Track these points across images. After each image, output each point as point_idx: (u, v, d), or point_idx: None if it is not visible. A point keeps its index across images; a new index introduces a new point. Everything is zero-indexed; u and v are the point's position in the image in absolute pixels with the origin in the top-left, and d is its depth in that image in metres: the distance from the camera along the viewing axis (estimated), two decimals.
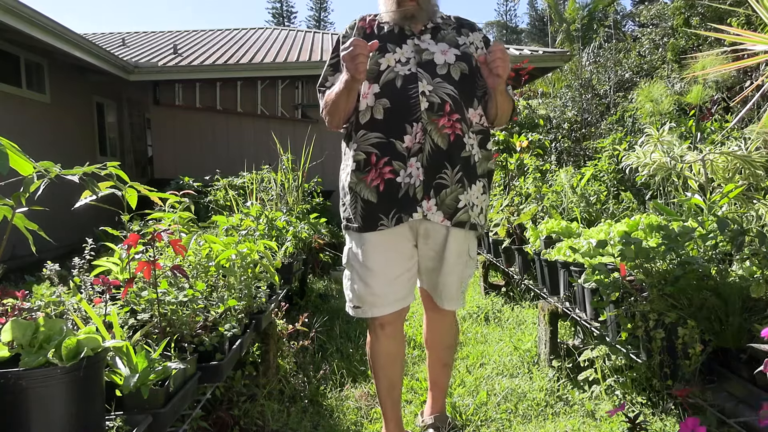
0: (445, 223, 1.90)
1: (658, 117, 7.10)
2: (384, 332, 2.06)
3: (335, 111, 1.93)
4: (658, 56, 11.95)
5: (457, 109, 1.89)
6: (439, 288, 2.03)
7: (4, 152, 1.12)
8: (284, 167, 5.30)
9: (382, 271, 1.95)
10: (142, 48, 11.31)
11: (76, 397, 1.16)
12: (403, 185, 1.88)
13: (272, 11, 49.77)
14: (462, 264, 2.00)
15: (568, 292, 2.91)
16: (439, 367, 2.27)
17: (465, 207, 1.92)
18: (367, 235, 1.94)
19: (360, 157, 1.93)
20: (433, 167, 1.87)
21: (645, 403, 2.39)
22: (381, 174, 1.89)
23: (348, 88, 1.83)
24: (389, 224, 1.90)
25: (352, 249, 2.01)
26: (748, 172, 3.03)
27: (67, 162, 1.37)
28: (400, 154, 1.88)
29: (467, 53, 1.96)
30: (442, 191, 1.89)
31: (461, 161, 1.90)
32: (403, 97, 1.86)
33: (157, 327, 1.71)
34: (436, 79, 1.88)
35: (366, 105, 1.92)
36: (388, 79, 1.89)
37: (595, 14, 19.37)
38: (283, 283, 3.01)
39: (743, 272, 1.97)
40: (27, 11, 6.11)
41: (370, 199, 1.91)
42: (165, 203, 2.55)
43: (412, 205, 1.88)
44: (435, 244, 1.96)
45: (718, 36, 5.83)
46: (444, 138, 1.87)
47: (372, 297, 1.97)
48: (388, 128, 1.88)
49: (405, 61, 1.90)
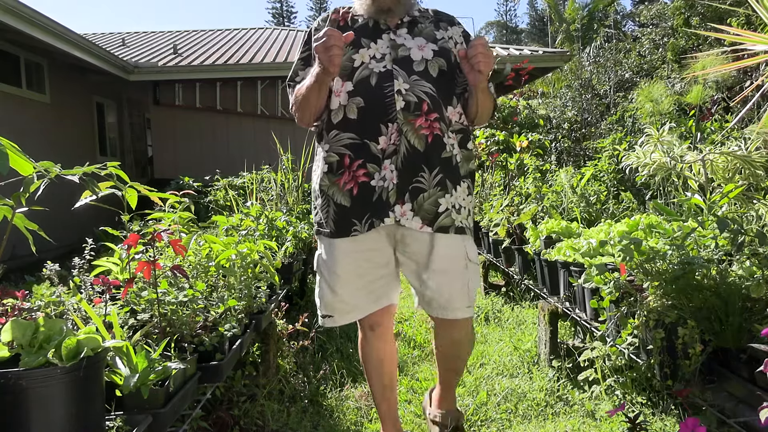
0: (426, 229, 1.79)
1: (658, 117, 7.10)
2: (374, 333, 2.01)
3: (305, 107, 1.83)
4: (658, 56, 11.95)
5: (435, 108, 1.79)
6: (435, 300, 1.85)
7: (4, 152, 1.12)
8: (284, 167, 5.31)
9: (351, 279, 1.85)
10: (142, 48, 11.31)
11: (76, 397, 1.16)
12: (377, 189, 1.78)
13: (272, 11, 49.82)
14: (460, 268, 1.85)
15: (568, 292, 2.91)
16: (450, 374, 2.12)
17: (447, 210, 1.80)
18: (337, 241, 1.84)
19: (332, 158, 1.83)
20: (409, 170, 1.77)
21: (645, 403, 2.39)
22: (355, 177, 1.79)
23: (319, 81, 1.72)
24: (362, 230, 1.80)
25: (322, 255, 1.91)
26: (748, 172, 3.03)
27: (67, 162, 1.37)
28: (374, 156, 1.78)
29: (445, 48, 1.85)
30: (419, 195, 1.78)
31: (441, 163, 1.80)
32: (378, 96, 1.76)
33: (157, 327, 1.71)
34: (412, 76, 1.78)
35: (339, 104, 1.82)
36: (362, 77, 1.79)
37: (595, 14, 19.38)
38: (283, 283, 3.01)
39: (743, 272, 1.97)
40: (27, 11, 6.11)
41: (344, 204, 1.82)
42: (165, 203, 2.55)
43: (384, 210, 1.77)
44: (415, 253, 1.83)
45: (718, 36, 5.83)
46: (421, 139, 1.77)
47: (341, 305, 1.89)
48: (362, 129, 1.79)
49: (380, 58, 1.80)
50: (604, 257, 2.70)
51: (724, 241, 2.14)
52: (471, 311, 1.90)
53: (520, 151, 5.97)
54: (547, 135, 9.00)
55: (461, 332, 1.95)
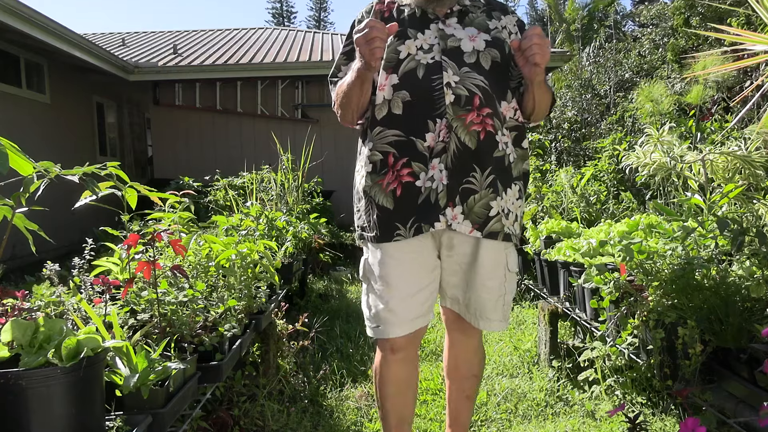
0: (475, 233, 1.66)
1: (658, 117, 7.10)
2: (395, 357, 1.79)
3: (347, 105, 1.71)
4: (658, 56, 11.95)
5: (488, 103, 1.65)
6: (473, 305, 1.75)
7: (4, 152, 1.12)
8: (284, 167, 5.31)
9: (399, 286, 1.71)
10: (142, 48, 11.31)
11: (76, 397, 1.16)
12: (423, 190, 1.65)
13: (272, 11, 49.77)
14: (500, 278, 1.73)
15: (568, 292, 2.91)
16: (462, 400, 1.95)
17: (498, 215, 1.68)
18: (385, 246, 1.71)
19: (376, 157, 1.70)
20: (460, 169, 1.64)
21: (645, 403, 2.39)
22: (398, 177, 1.67)
23: (361, 77, 1.61)
24: (407, 234, 1.67)
25: (368, 260, 1.77)
26: (748, 172, 3.03)
27: (67, 162, 1.37)
28: (420, 155, 1.65)
29: (499, 39, 1.71)
30: (470, 197, 1.65)
31: (493, 162, 1.67)
32: (426, 89, 1.64)
33: (157, 327, 1.71)
34: (463, 68, 1.65)
35: (383, 98, 1.69)
36: (408, 69, 1.67)
37: (595, 14, 19.37)
38: (283, 283, 3.01)
39: (743, 272, 1.97)
40: (27, 11, 6.11)
41: (386, 206, 1.69)
42: (165, 203, 2.55)
43: (433, 213, 1.64)
44: (461, 256, 1.72)
45: (718, 36, 5.83)
46: (472, 136, 1.63)
47: (389, 314, 1.72)
48: (407, 125, 1.67)
49: (428, 48, 1.67)
50: (604, 257, 2.71)
51: (724, 241, 2.14)
52: (505, 324, 1.79)
53: None
54: (547, 135, 9.01)
55: (476, 344, 1.90)
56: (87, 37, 8.54)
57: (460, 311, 1.79)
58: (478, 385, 1.98)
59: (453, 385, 1.96)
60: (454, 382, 1.95)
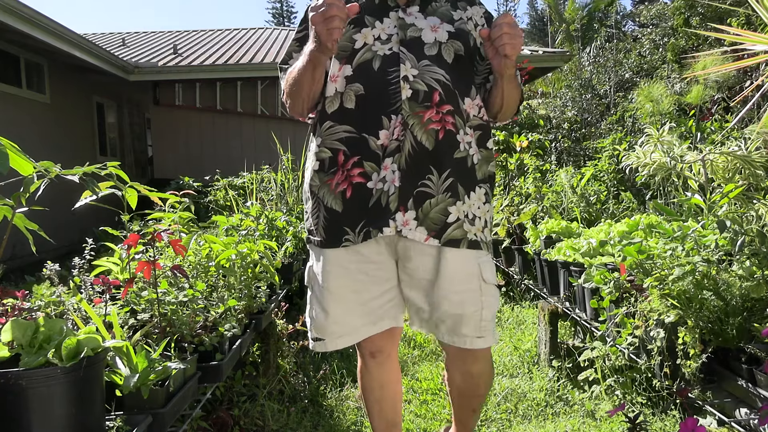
0: (432, 242, 1.52)
1: (658, 117, 7.10)
2: (375, 361, 1.73)
3: (297, 93, 1.57)
4: (658, 56, 11.95)
5: (449, 99, 1.53)
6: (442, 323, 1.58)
7: (4, 152, 1.12)
8: (284, 167, 5.31)
9: (344, 296, 1.59)
10: (142, 48, 11.32)
11: (76, 397, 1.16)
12: (374, 192, 1.52)
13: (272, 11, 49.78)
14: (473, 291, 1.56)
15: (568, 292, 2.91)
16: (467, 413, 1.82)
17: (458, 221, 1.54)
18: (329, 251, 1.59)
19: (324, 154, 1.58)
20: (414, 171, 1.51)
21: (645, 403, 2.39)
22: (348, 177, 1.54)
23: (313, 62, 1.46)
24: (355, 239, 1.54)
25: (313, 267, 1.65)
26: (748, 172, 3.03)
27: (67, 162, 1.37)
28: (373, 153, 1.52)
29: (463, 30, 1.58)
30: (425, 202, 1.51)
31: (453, 164, 1.54)
32: (381, 83, 1.51)
33: (157, 327, 1.71)
34: (423, 61, 1.52)
35: (334, 90, 1.56)
36: (363, 60, 1.53)
37: (595, 14, 19.37)
38: (283, 283, 3.01)
39: (743, 272, 1.97)
40: (27, 11, 6.11)
41: (334, 208, 1.56)
42: (165, 203, 2.55)
43: (382, 217, 1.51)
44: (419, 270, 1.56)
45: (718, 36, 5.83)
46: (430, 135, 1.51)
47: (333, 326, 1.61)
48: (360, 120, 1.53)
49: (385, 39, 1.54)
50: (604, 257, 2.71)
51: (724, 241, 2.14)
52: (486, 341, 1.60)
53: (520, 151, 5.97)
54: (547, 135, 9.00)
55: (477, 365, 1.66)
56: (87, 37, 8.54)
57: (431, 331, 1.64)
58: (483, 400, 1.85)
59: (456, 402, 1.83)
60: (457, 400, 1.83)
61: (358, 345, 1.72)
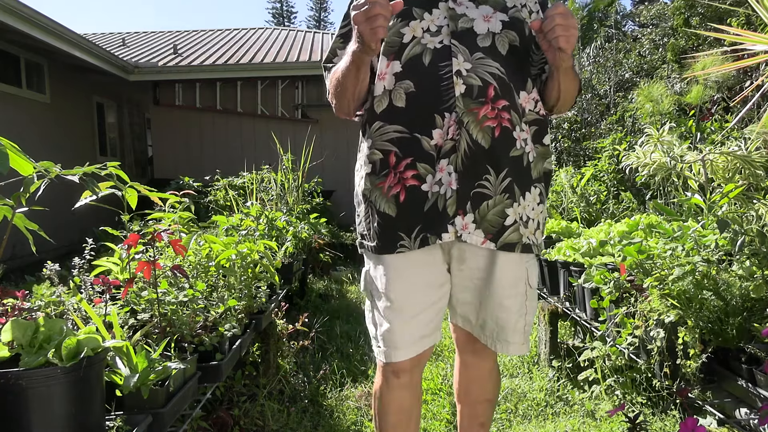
0: (488, 245, 1.46)
1: (658, 117, 7.10)
2: (399, 381, 1.58)
3: (342, 94, 1.50)
4: (658, 56, 11.96)
5: (505, 94, 1.44)
6: (489, 326, 1.56)
7: (5, 152, 1.12)
8: (284, 167, 5.31)
9: (403, 305, 1.51)
10: (142, 48, 11.32)
11: (76, 397, 1.16)
12: (430, 195, 1.45)
13: (272, 11, 49.78)
14: (520, 295, 1.53)
15: (568, 292, 2.91)
16: (475, 428, 1.74)
17: (515, 224, 1.47)
18: (386, 257, 1.51)
19: (376, 156, 1.50)
20: (471, 172, 1.43)
21: (645, 403, 2.39)
22: (401, 179, 1.46)
23: (357, 62, 1.40)
24: (411, 246, 1.47)
25: (370, 273, 1.58)
26: (748, 172, 3.03)
27: (67, 162, 1.37)
28: (427, 154, 1.44)
29: (518, 19, 1.48)
30: (483, 203, 1.44)
31: (510, 163, 1.45)
32: (433, 79, 1.43)
33: (157, 327, 1.71)
34: (476, 54, 1.43)
35: (383, 88, 1.48)
36: (412, 54, 1.45)
37: (595, 14, 19.38)
38: (283, 283, 3.01)
39: (743, 272, 1.97)
40: (27, 11, 6.11)
41: (388, 212, 1.49)
42: (165, 203, 2.55)
43: (441, 222, 1.44)
44: (474, 270, 1.52)
45: (718, 36, 5.83)
46: (486, 133, 1.42)
47: (392, 336, 1.53)
48: (411, 119, 1.46)
49: (435, 31, 1.45)
50: (604, 257, 2.71)
51: (724, 241, 2.15)
52: (527, 348, 1.59)
53: None
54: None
55: (490, 366, 1.69)
56: (87, 37, 8.55)
57: (474, 332, 1.61)
58: (492, 410, 1.78)
59: (465, 410, 1.76)
60: (465, 406, 1.76)
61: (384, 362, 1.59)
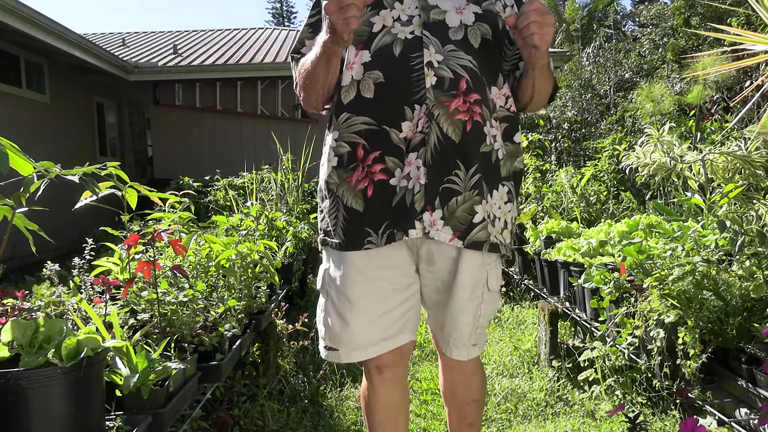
0: (456, 242, 1.41)
1: (658, 117, 7.11)
2: (382, 377, 1.56)
3: (311, 86, 1.45)
4: (658, 56, 11.96)
5: (477, 88, 1.40)
6: (446, 329, 1.52)
7: (4, 152, 1.12)
8: (284, 167, 5.31)
9: (365, 305, 1.46)
10: (142, 48, 11.32)
11: (76, 397, 1.16)
12: (398, 190, 1.40)
13: (272, 11, 49.78)
14: (476, 300, 1.48)
15: (568, 292, 2.91)
16: (465, 428, 1.68)
17: (484, 221, 1.42)
18: (349, 255, 1.46)
19: (343, 149, 1.45)
20: (441, 166, 1.39)
21: (645, 403, 2.39)
22: (369, 174, 1.41)
23: (328, 53, 1.34)
24: (378, 242, 1.42)
25: (329, 271, 1.52)
26: (748, 172, 3.03)
27: (67, 162, 1.37)
28: (396, 147, 1.40)
29: (491, 12, 1.44)
30: (452, 199, 1.40)
31: (479, 158, 1.41)
32: (402, 70, 1.38)
33: (157, 327, 1.71)
34: (448, 45, 1.39)
35: (351, 78, 1.43)
36: (382, 44, 1.41)
37: (594, 14, 19.38)
38: (283, 283, 3.01)
39: (743, 272, 1.97)
40: (27, 11, 6.11)
41: (355, 207, 1.43)
42: (165, 203, 2.55)
43: (408, 218, 1.40)
44: (442, 271, 1.47)
45: (718, 36, 5.83)
46: (457, 126, 1.38)
47: (351, 337, 1.48)
48: (380, 111, 1.41)
49: (406, 20, 1.41)
50: (604, 257, 2.71)
51: (724, 241, 2.15)
52: (474, 351, 1.55)
53: None
54: (547, 135, 9.00)
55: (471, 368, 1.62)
56: (87, 37, 8.54)
57: (436, 334, 1.58)
58: (480, 410, 1.72)
59: (453, 412, 1.71)
60: (453, 408, 1.71)
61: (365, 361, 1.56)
